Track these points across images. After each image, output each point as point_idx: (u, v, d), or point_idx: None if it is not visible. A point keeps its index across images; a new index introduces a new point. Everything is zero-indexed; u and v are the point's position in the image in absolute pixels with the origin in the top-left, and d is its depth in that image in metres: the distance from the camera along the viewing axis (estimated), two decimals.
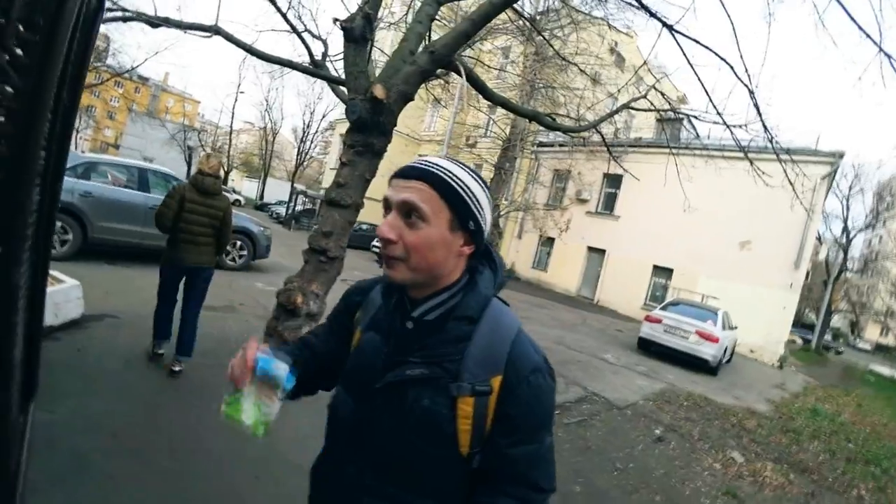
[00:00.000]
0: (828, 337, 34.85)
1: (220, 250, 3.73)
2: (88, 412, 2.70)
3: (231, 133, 38.96)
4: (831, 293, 25.57)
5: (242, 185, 48.81)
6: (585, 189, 17.95)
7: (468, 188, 0.78)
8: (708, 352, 8.72)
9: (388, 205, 0.78)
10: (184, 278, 3.58)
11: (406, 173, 0.78)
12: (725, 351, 9.50)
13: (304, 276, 3.89)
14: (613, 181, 17.39)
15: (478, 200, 0.79)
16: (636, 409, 5.57)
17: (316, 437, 0.97)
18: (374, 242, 16.82)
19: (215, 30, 3.81)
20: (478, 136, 20.59)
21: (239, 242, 7.92)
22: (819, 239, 26.87)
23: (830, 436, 6.34)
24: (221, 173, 3.75)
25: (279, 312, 4.03)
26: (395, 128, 3.89)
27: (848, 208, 26.41)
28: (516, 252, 20.54)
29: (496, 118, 16.68)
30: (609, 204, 17.94)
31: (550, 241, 19.13)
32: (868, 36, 3.22)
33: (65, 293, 3.83)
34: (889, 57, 3.34)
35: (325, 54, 4.46)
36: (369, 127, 3.49)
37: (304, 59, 5.14)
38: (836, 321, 44.63)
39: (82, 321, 4.01)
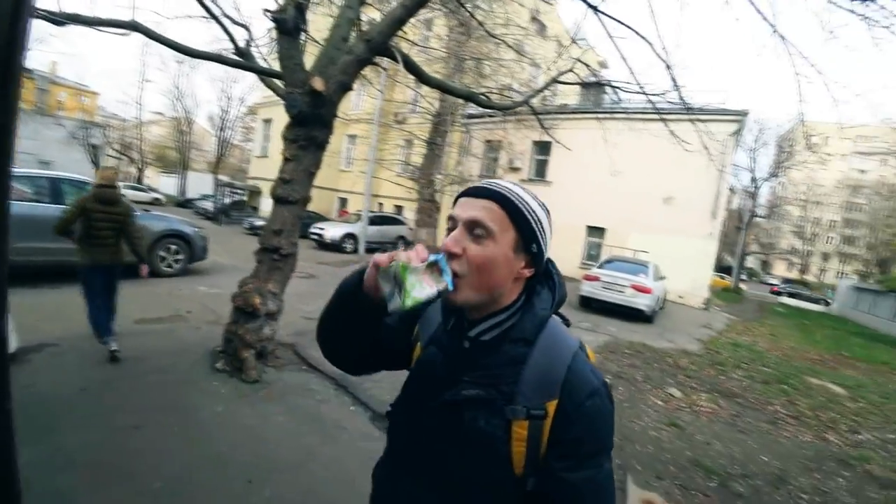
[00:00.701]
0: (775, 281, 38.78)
1: (134, 251, 4.17)
2: (60, 448, 2.58)
3: (140, 126, 35.67)
4: (745, 237, 28.37)
5: (159, 182, 45.00)
6: (517, 157, 18.38)
7: (534, 212, 0.81)
8: (643, 302, 9.51)
9: (454, 222, 0.80)
10: (99, 277, 3.99)
11: (475, 193, 0.81)
12: (658, 300, 10.39)
13: (260, 276, 3.84)
14: (543, 148, 17.94)
15: (542, 224, 0.82)
16: None
17: (299, 436, 1.04)
18: (312, 229, 16.39)
19: (132, 26, 3.46)
20: (407, 113, 20.40)
21: (174, 247, 7.47)
22: (732, 189, 29.57)
23: (750, 364, 7.23)
24: (118, 182, 4.09)
25: (237, 316, 3.96)
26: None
27: (755, 161, 29.35)
28: None
29: (424, 94, 16.58)
30: (541, 171, 18.52)
31: None
32: (765, 18, 3.61)
33: None
34: (783, 38, 3.77)
35: (249, 42, 4.23)
36: (310, 120, 3.44)
37: (221, 46, 4.85)
38: (750, 262, 49.75)
39: (20, 355, 3.70)
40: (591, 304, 10.25)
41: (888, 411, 5.64)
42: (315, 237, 15.99)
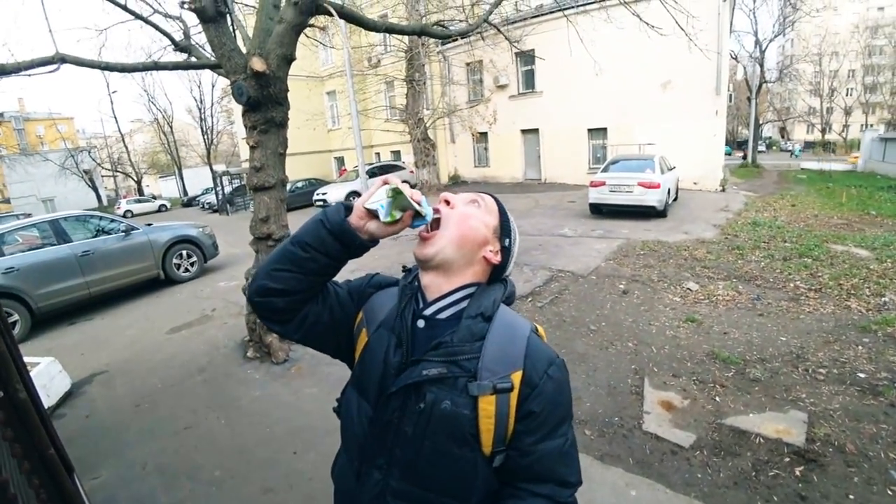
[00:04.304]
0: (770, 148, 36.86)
1: None
2: (129, 462, 2.88)
3: (123, 138, 35.27)
4: (756, 107, 26.87)
5: (160, 188, 45.24)
6: (502, 74, 17.55)
7: (513, 221, 0.96)
8: (653, 198, 9.22)
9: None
10: None
11: (476, 192, 0.97)
12: (669, 192, 10.01)
13: None
14: (527, 59, 16.92)
15: (515, 236, 0.95)
16: (599, 273, 6.03)
17: (331, 402, 1.03)
18: (316, 196, 16.43)
19: (60, 59, 3.35)
20: (379, 55, 19.51)
21: (185, 252, 7.68)
22: (735, 58, 27.63)
23: (769, 241, 7.03)
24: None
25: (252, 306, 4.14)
26: (293, 74, 3.70)
27: (756, 21, 27.13)
28: (455, 157, 20.45)
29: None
30: (529, 82, 17.62)
31: (484, 135, 18.97)
32: None
33: (46, 373, 3.76)
34: None
35: (187, 34, 4.05)
36: (263, 103, 3.35)
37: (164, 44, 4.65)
38: (767, 131, 47.44)
39: (74, 390, 4.02)
40: (601, 210, 10.04)
41: None
42: (320, 203, 16.08)
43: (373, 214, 0.81)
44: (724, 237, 7.66)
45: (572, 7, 12.67)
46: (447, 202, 0.89)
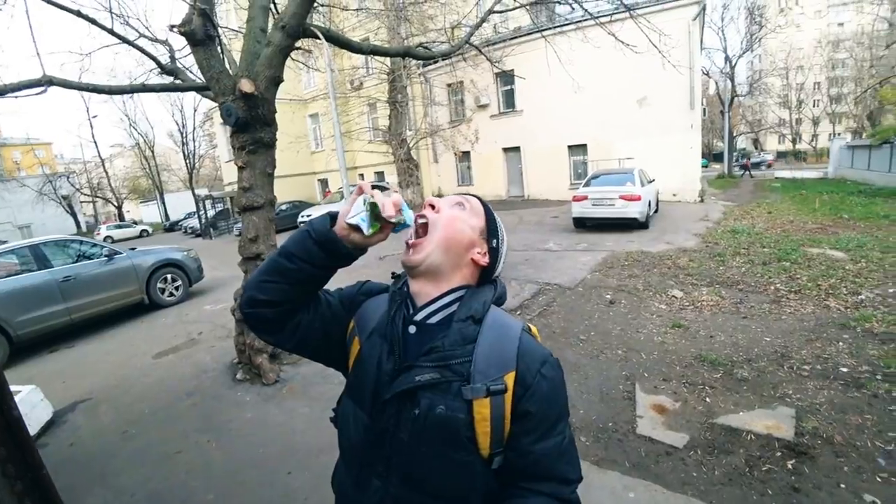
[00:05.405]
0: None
1: None
2: (117, 491, 2.79)
3: (103, 163, 34.79)
4: (729, 120, 27.84)
5: (141, 213, 44.59)
6: (483, 94, 17.94)
7: (499, 222, 0.95)
8: (634, 210, 9.44)
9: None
10: None
11: (460, 194, 0.97)
12: (650, 204, 10.27)
13: None
14: (507, 79, 17.38)
15: (503, 236, 0.95)
16: (586, 284, 6.12)
17: (325, 421, 1.03)
18: (300, 218, 16.39)
19: (48, 81, 3.36)
20: (361, 77, 19.79)
21: (170, 276, 7.56)
22: (707, 74, 28.71)
23: (749, 248, 7.26)
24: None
25: (241, 327, 4.10)
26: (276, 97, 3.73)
27: (725, 39, 28.35)
28: (438, 176, 20.70)
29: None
30: (509, 102, 18.09)
31: (466, 154, 19.25)
32: None
33: (27, 402, 3.61)
34: None
35: (173, 57, 4.09)
36: (251, 123, 3.39)
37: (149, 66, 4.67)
38: (741, 142, 49.05)
39: (57, 419, 3.88)
40: (585, 224, 10.24)
41: (888, 265, 5.64)
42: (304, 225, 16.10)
43: (355, 228, 0.81)
44: (706, 245, 7.85)
45: (550, 28, 13.14)
46: (432, 206, 0.89)
